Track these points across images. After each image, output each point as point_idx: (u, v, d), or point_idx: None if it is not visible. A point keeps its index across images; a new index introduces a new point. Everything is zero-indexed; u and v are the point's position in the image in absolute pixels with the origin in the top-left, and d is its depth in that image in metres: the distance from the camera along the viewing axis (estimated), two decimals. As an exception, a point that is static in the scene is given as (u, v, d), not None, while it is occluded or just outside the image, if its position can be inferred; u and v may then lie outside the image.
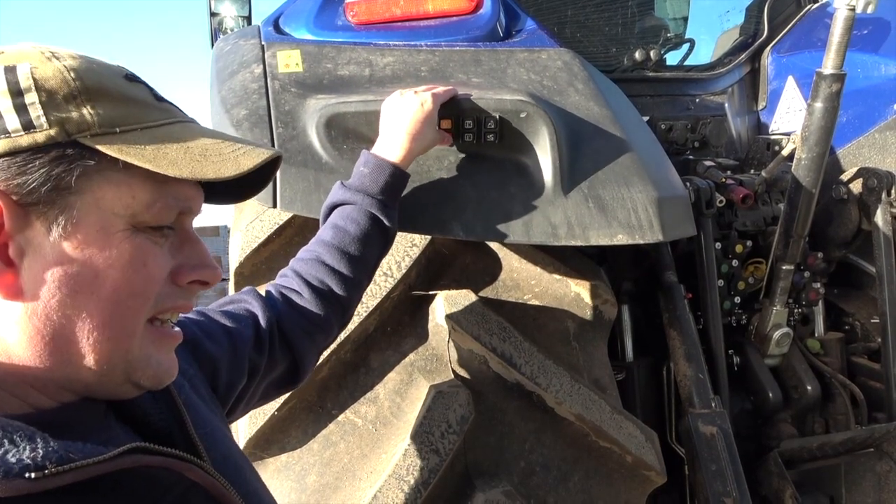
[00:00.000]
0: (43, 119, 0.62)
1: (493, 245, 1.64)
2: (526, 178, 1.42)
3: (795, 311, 2.14)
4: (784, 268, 1.94)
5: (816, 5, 2.57)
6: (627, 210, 1.41)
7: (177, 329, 0.74)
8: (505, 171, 1.43)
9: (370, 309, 1.50)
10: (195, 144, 0.69)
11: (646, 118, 2.16)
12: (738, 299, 2.07)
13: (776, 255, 1.95)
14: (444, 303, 1.53)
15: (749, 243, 2.06)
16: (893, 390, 1.94)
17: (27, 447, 0.56)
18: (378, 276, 1.53)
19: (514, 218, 1.39)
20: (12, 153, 0.61)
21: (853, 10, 1.59)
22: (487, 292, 1.63)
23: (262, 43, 1.61)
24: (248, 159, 0.70)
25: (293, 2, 1.80)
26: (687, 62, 2.65)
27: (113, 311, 0.65)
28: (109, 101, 0.65)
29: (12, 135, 0.61)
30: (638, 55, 2.34)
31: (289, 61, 1.53)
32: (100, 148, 0.63)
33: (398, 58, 1.57)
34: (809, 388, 2.04)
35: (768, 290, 2.02)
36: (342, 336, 1.46)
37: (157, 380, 0.71)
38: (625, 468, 1.54)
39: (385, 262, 1.53)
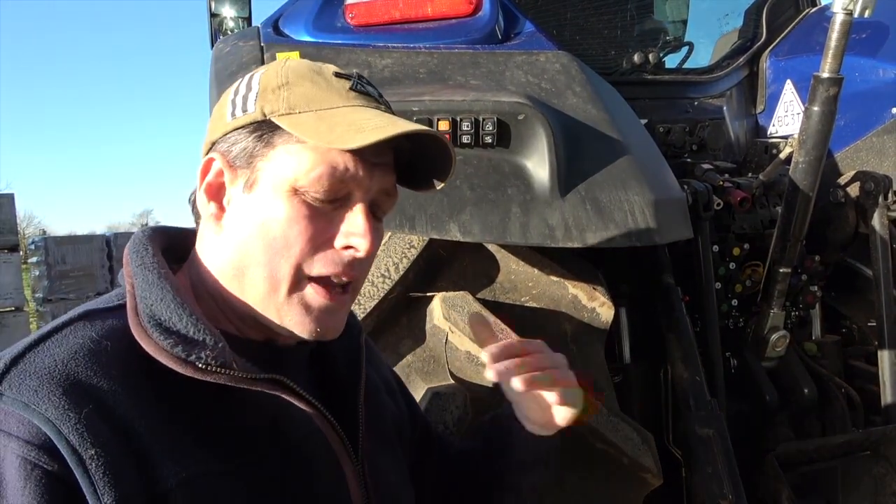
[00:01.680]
0: (253, 104, 0.82)
1: (491, 247, 1.64)
2: (523, 180, 1.43)
3: (793, 313, 2.14)
4: (781, 271, 1.95)
5: (815, 9, 2.58)
6: (624, 212, 1.42)
7: (339, 295, 0.83)
8: (502, 172, 1.44)
9: (368, 310, 1.50)
10: (348, 122, 0.79)
11: (644, 121, 2.17)
12: (735, 302, 2.07)
13: (773, 257, 1.95)
14: (442, 304, 1.54)
15: (746, 246, 2.06)
16: (890, 393, 1.94)
17: (210, 346, 0.75)
18: (375, 277, 1.53)
19: (512, 220, 1.40)
20: (234, 129, 0.82)
21: (850, 14, 1.60)
22: (485, 294, 1.63)
23: (262, 44, 1.61)
24: (375, 134, 0.76)
25: (293, 3, 1.81)
26: (686, 65, 2.66)
27: (271, 257, 0.79)
28: (301, 90, 0.82)
29: (237, 117, 0.82)
30: (637, 58, 2.34)
31: None
32: (280, 123, 0.79)
33: (397, 59, 1.57)
34: (806, 390, 2.04)
35: (766, 293, 2.02)
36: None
37: (307, 330, 0.82)
38: (621, 470, 1.54)
39: (383, 264, 1.54)
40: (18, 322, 6.78)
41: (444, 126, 1.39)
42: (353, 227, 0.81)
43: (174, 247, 0.90)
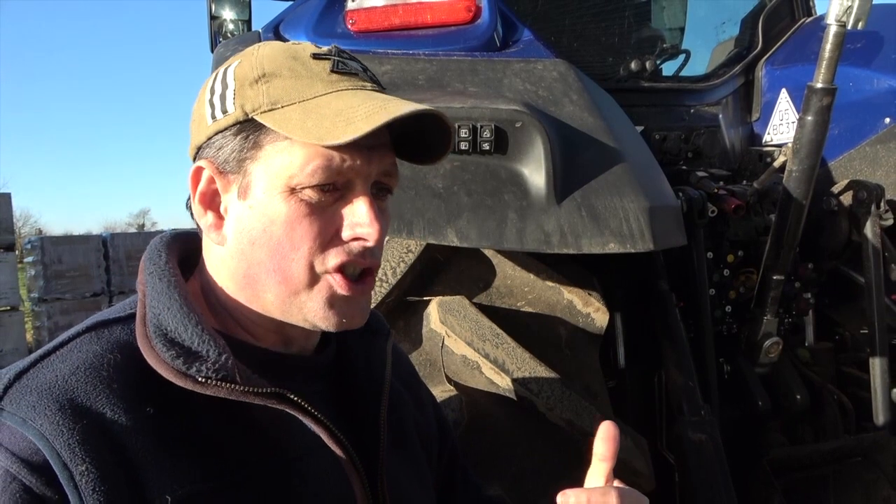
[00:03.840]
0: (232, 103, 0.78)
1: (488, 252, 1.66)
2: (520, 187, 1.44)
3: (786, 320, 2.16)
4: (775, 278, 1.96)
5: (810, 19, 2.60)
6: (619, 219, 1.43)
7: (358, 284, 0.81)
8: (499, 179, 1.45)
9: (365, 313, 1.51)
10: (335, 111, 0.75)
11: (640, 128, 2.19)
12: (729, 308, 2.09)
13: (767, 264, 1.97)
14: (439, 308, 1.55)
15: (740, 253, 2.08)
16: (881, 400, 1.96)
17: (212, 359, 0.73)
18: (373, 281, 1.54)
19: (508, 225, 1.41)
20: (217, 132, 0.79)
21: (844, 25, 1.62)
22: (481, 298, 1.64)
23: None
24: (366, 123, 0.73)
25: (294, 8, 1.83)
26: (682, 73, 2.68)
27: (280, 260, 0.78)
28: (280, 82, 0.77)
29: (217, 119, 0.78)
30: (634, 65, 2.36)
31: None
32: (264, 122, 0.76)
33: (396, 66, 1.59)
34: (799, 396, 2.06)
35: (759, 300, 2.04)
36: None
37: (334, 323, 0.81)
38: (614, 473, 1.55)
39: (381, 268, 1.55)
40: (14, 322, 6.78)
41: None
42: (359, 218, 0.78)
43: (192, 253, 0.88)
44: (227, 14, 2.76)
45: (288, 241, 0.77)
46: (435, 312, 1.55)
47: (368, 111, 0.74)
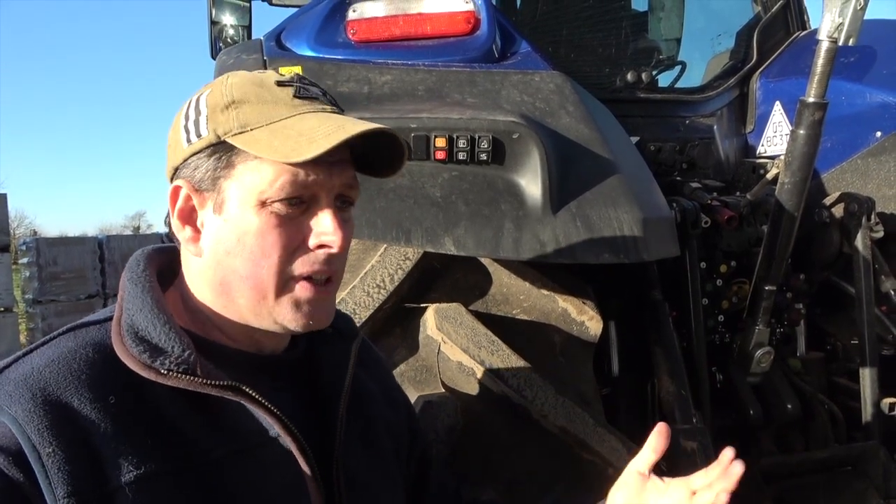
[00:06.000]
0: (205, 128, 0.86)
1: (484, 260, 1.68)
2: (516, 197, 1.47)
3: (778, 330, 2.18)
4: (767, 288, 1.98)
5: (804, 33, 2.64)
6: (613, 230, 1.46)
7: (323, 287, 0.89)
8: (496, 189, 1.48)
9: (363, 320, 1.53)
10: (299, 132, 0.84)
11: (635, 139, 2.21)
12: (721, 318, 2.11)
13: (759, 275, 1.99)
14: (435, 315, 1.57)
15: (733, 263, 2.10)
16: (870, 410, 1.98)
17: (176, 353, 0.81)
18: (371, 287, 1.56)
19: (505, 235, 1.44)
20: (192, 154, 0.87)
21: (835, 41, 1.64)
22: (477, 306, 1.66)
23: (265, 58, 1.65)
24: (326, 142, 0.81)
25: (296, 17, 1.85)
26: (678, 84, 2.71)
27: (252, 269, 0.85)
28: (249, 107, 0.86)
29: (193, 142, 0.87)
30: (630, 76, 2.39)
31: None
32: (235, 143, 0.84)
33: (396, 76, 1.61)
34: (790, 406, 2.08)
35: (751, 310, 2.05)
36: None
37: (301, 325, 0.89)
38: (607, 480, 1.57)
39: (378, 275, 1.58)
40: (7, 323, 6.75)
41: (441, 143, 1.44)
42: (324, 227, 0.86)
43: (172, 265, 0.96)
44: (228, 19, 2.77)
45: (259, 249, 0.85)
46: (431, 319, 1.57)
47: (328, 131, 0.83)
